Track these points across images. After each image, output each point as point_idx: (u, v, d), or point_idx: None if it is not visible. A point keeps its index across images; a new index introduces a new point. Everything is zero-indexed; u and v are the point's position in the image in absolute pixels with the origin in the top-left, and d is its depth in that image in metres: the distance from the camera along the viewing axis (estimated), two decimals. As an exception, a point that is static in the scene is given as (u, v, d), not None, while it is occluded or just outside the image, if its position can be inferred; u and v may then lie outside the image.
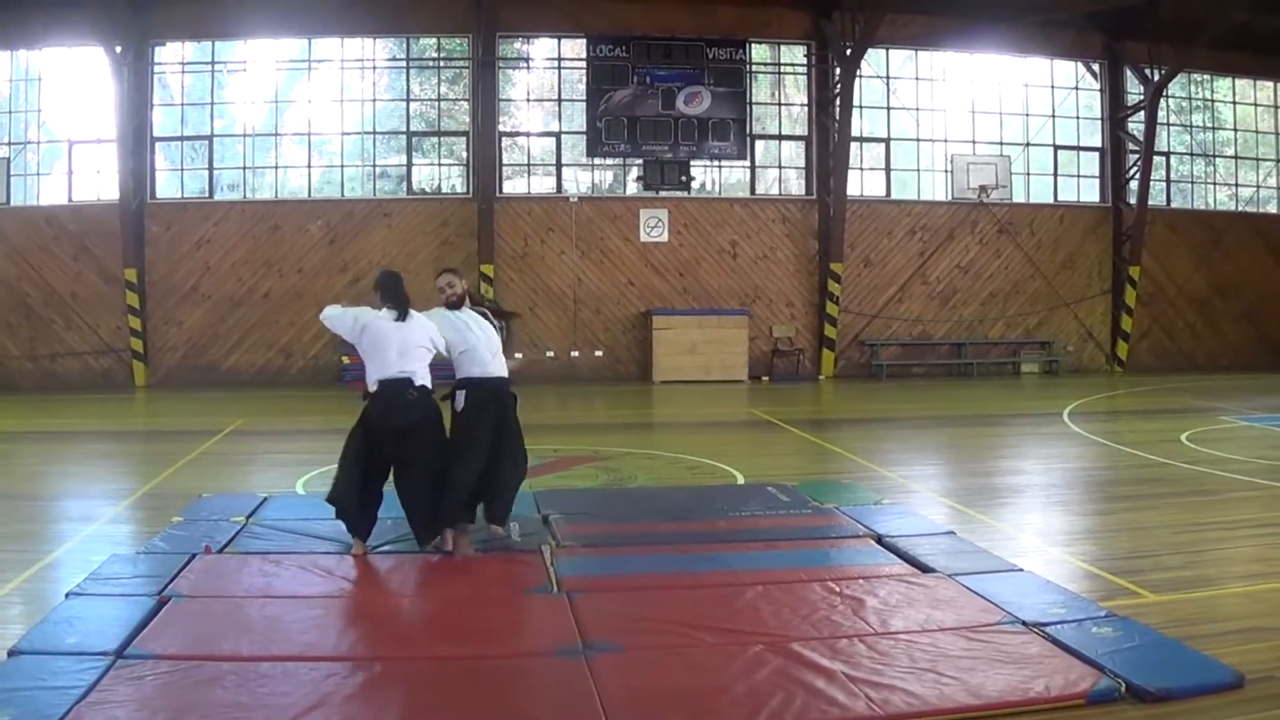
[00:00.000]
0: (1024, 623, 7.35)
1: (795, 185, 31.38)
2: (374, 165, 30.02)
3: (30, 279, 28.14)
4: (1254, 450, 16.04)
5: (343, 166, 29.90)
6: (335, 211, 29.19)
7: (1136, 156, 31.46)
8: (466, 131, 29.89)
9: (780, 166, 31.53)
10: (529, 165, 30.60)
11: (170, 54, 29.11)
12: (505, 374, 10.26)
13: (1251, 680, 6.40)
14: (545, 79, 30.66)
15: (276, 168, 29.69)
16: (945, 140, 31.62)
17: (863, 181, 31.26)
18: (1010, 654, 6.81)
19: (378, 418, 9.39)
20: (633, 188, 30.60)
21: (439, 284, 10.50)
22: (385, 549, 9.61)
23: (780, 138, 31.44)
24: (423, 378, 9.56)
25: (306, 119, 29.65)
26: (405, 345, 9.51)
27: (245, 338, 28.80)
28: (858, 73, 29.36)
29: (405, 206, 29.44)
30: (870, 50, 29.27)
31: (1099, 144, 32.63)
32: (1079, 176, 32.79)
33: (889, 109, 31.30)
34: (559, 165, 30.35)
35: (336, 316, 9.90)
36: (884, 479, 13.76)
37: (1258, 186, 34.37)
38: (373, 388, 9.43)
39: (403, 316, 9.56)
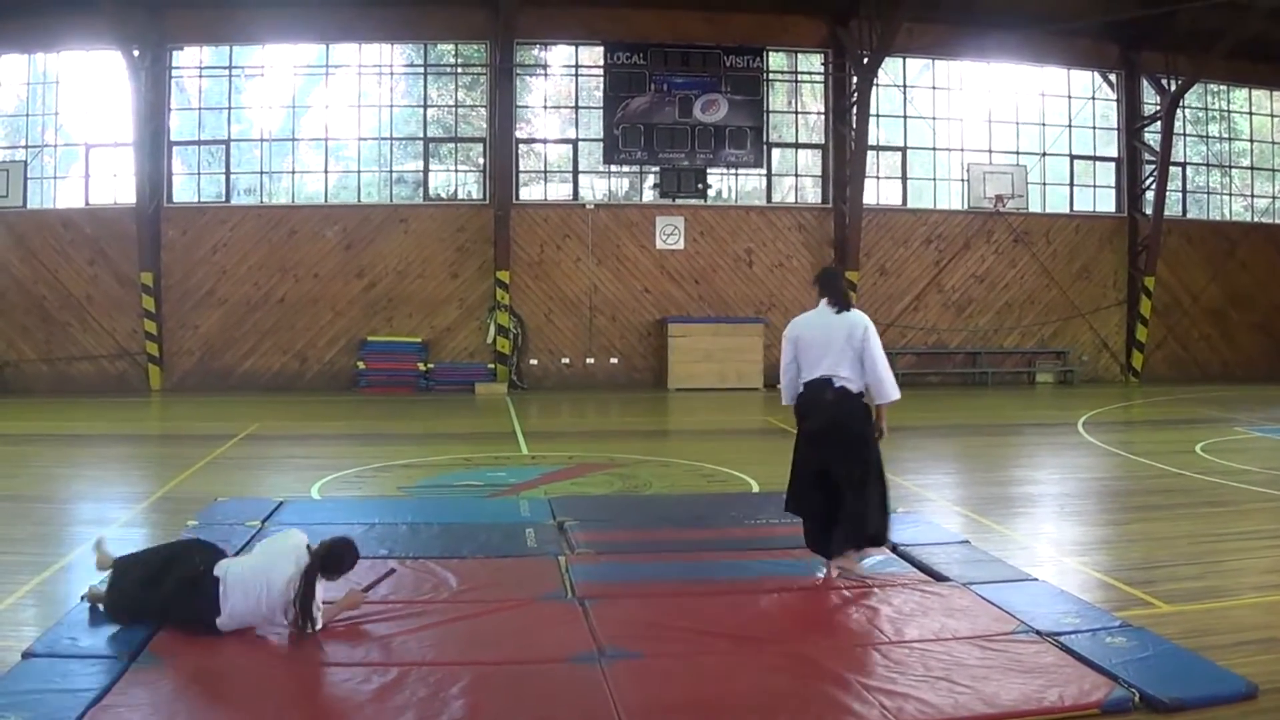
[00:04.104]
0: (1038, 632, 7.36)
1: (811, 193, 31.38)
2: (391, 171, 30.04)
3: (46, 282, 28.23)
4: (1268, 461, 15.99)
5: (359, 172, 29.94)
6: (351, 217, 29.23)
7: (1153, 167, 31.42)
8: (484, 138, 29.93)
9: (796, 175, 31.50)
10: (545, 172, 30.61)
11: (188, 58, 29.18)
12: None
13: (1265, 691, 6.39)
14: (562, 86, 30.70)
15: (293, 172, 29.74)
16: (961, 149, 31.60)
17: (879, 190, 31.25)
18: (1024, 663, 6.82)
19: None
20: (649, 195, 30.58)
21: None
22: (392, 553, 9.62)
23: (797, 146, 31.42)
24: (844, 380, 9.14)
25: (324, 124, 29.70)
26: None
27: (261, 342, 28.84)
28: (874, 81, 29.32)
29: (422, 212, 29.47)
30: (887, 59, 29.18)
31: (1115, 154, 32.58)
32: (1095, 186, 32.73)
33: (905, 118, 31.28)
34: (575, 172, 30.36)
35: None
36: (898, 488, 13.69)
37: (1274, 197, 34.29)
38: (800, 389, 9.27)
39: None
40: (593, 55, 30.10)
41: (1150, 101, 31.81)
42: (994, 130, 31.89)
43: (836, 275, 9.82)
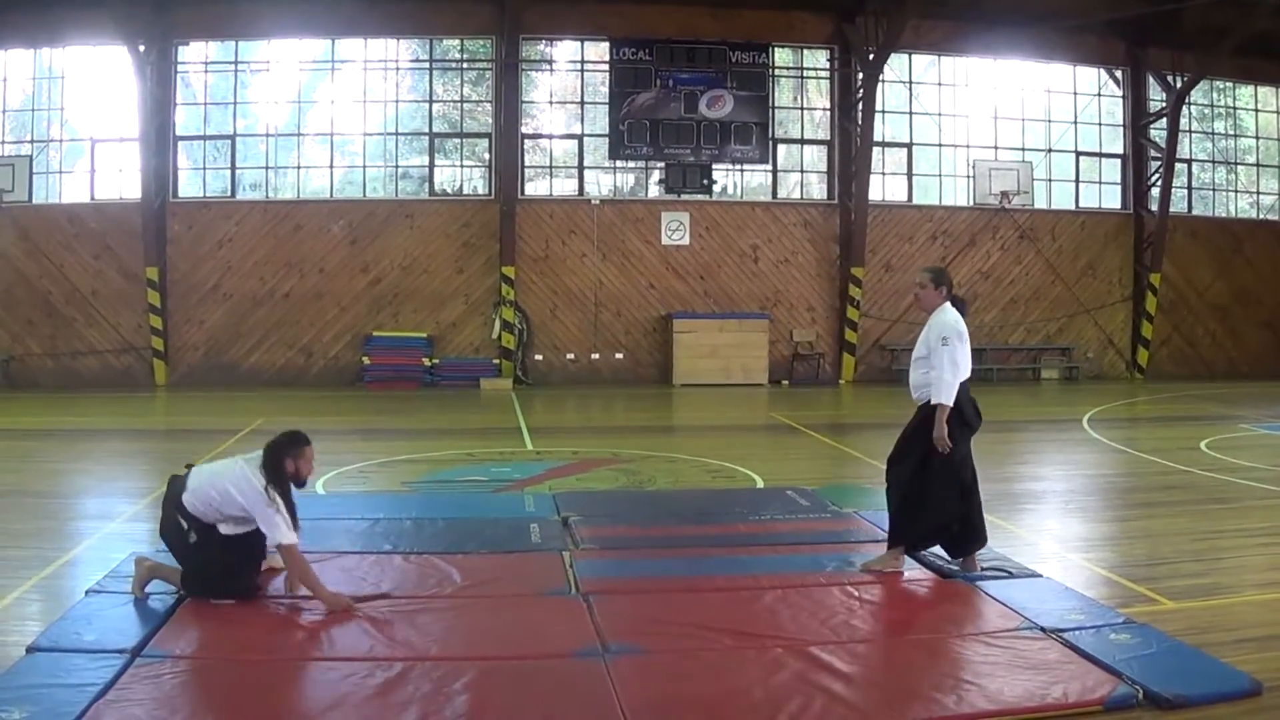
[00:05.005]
0: (1042, 629, 7.36)
1: (817, 189, 31.39)
2: (396, 166, 30.06)
3: (52, 276, 28.27)
4: (1273, 458, 15.98)
5: (365, 167, 29.95)
6: (357, 212, 29.25)
7: (1158, 163, 31.37)
8: (489, 133, 29.94)
9: (802, 170, 31.52)
10: (551, 167, 30.64)
11: (193, 53, 29.23)
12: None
13: (1269, 688, 6.39)
14: (568, 81, 30.71)
15: (299, 168, 29.78)
16: (967, 145, 31.59)
17: (884, 186, 31.28)
18: (1028, 660, 6.82)
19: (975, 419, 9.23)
20: (654, 191, 30.61)
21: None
22: (399, 550, 9.63)
23: (802, 142, 31.42)
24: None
25: (329, 119, 29.75)
26: None
27: (266, 337, 28.86)
28: (880, 77, 29.32)
29: (427, 207, 29.50)
30: (893, 55, 29.17)
31: (1121, 150, 32.55)
32: (1101, 183, 32.74)
33: (911, 114, 31.26)
34: (581, 168, 30.41)
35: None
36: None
37: (1279, 194, 34.23)
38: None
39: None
40: (598, 50, 30.13)
41: (1156, 98, 31.76)
42: (1000, 126, 31.88)
43: None
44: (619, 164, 30.52)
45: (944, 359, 8.84)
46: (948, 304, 9.16)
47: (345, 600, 7.82)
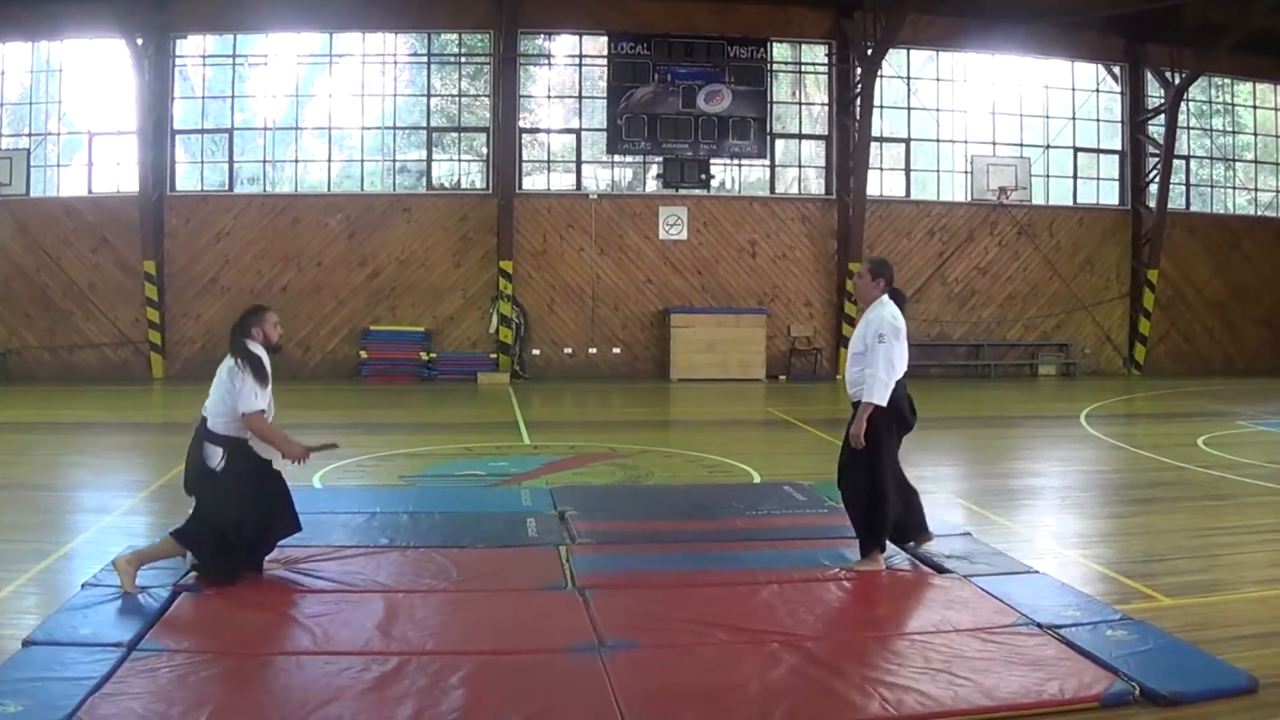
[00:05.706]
0: (1039, 625, 7.35)
1: (815, 185, 31.37)
2: (394, 160, 30.05)
3: (49, 270, 28.25)
4: (1270, 455, 15.97)
5: (363, 161, 29.95)
6: (354, 206, 29.23)
7: (1156, 160, 31.37)
8: (487, 127, 29.92)
9: (800, 166, 31.50)
10: (549, 162, 30.63)
11: (191, 47, 29.20)
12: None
13: (1265, 685, 6.38)
14: (566, 76, 30.69)
15: (296, 161, 29.75)
16: (965, 141, 31.57)
17: (882, 181, 31.26)
18: (1025, 656, 6.81)
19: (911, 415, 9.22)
20: (652, 185, 30.60)
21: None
22: (396, 543, 9.62)
23: (800, 137, 31.41)
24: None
25: (327, 113, 29.72)
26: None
27: (263, 331, 28.78)
28: (879, 73, 29.31)
29: (425, 202, 29.47)
30: (891, 50, 29.19)
31: (1119, 147, 32.55)
32: (1098, 179, 32.72)
33: (909, 109, 31.27)
34: (579, 162, 30.37)
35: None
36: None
37: (1277, 191, 34.20)
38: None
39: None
40: (597, 45, 30.10)
41: (1154, 95, 31.76)
42: (998, 122, 31.86)
43: None
44: (617, 159, 30.51)
45: (879, 358, 8.73)
46: (886, 297, 9.04)
47: (301, 448, 8.85)
